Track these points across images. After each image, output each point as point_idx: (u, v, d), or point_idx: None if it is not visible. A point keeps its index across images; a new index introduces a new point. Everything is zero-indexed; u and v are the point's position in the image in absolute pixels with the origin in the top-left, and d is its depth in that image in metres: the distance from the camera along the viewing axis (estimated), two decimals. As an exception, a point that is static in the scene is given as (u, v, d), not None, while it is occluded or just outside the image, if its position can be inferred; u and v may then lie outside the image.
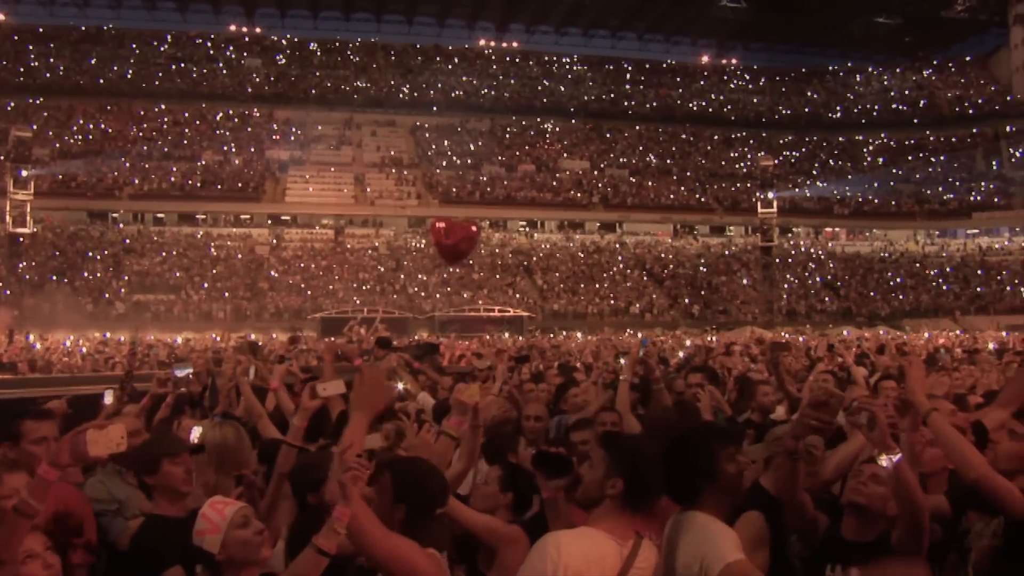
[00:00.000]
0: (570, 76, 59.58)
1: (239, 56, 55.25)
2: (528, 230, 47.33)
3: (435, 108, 53.72)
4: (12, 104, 46.34)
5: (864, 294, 43.27)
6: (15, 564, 2.27)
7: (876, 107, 58.88)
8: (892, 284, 44.15)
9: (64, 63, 51.36)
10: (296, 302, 36.35)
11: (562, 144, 53.76)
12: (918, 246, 49.28)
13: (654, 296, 40.88)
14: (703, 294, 41.65)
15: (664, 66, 61.95)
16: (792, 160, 55.23)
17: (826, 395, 2.82)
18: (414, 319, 34.56)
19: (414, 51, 58.86)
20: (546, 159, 52.09)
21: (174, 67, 52.79)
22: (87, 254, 38.61)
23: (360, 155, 50.08)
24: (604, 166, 51.93)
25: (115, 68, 51.62)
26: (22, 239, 36.70)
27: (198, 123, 49.97)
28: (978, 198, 50.02)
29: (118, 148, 45.15)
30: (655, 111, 57.50)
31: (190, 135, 48.69)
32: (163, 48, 54.38)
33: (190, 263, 39.15)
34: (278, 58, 56.35)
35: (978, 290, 42.99)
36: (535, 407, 4.78)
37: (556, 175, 50.20)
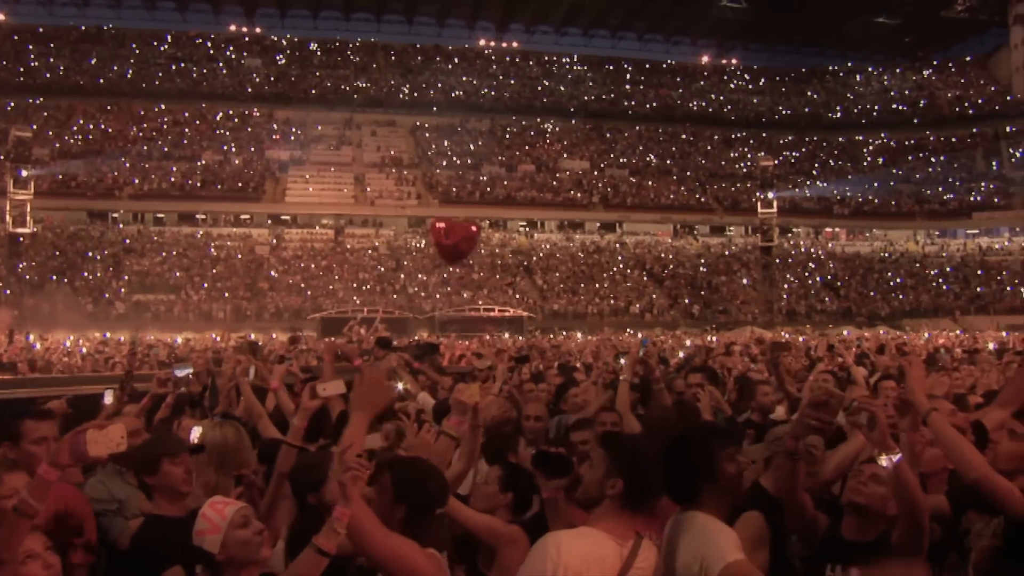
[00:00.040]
0: (570, 76, 59.58)
1: (239, 56, 55.27)
2: (528, 230, 47.29)
3: (435, 108, 53.72)
4: (12, 104, 46.35)
5: (864, 294, 43.26)
6: (15, 564, 2.27)
7: (876, 107, 58.88)
8: (892, 284, 44.14)
9: (64, 63, 51.35)
10: (296, 302, 36.34)
11: (562, 144, 53.74)
12: (918, 246, 49.27)
13: (654, 296, 40.87)
14: (703, 294, 41.65)
15: (664, 66, 61.96)
16: (792, 160, 55.22)
17: (826, 395, 2.82)
18: (414, 319, 34.55)
19: (414, 51, 58.86)
20: (546, 159, 52.07)
21: (174, 67, 52.80)
22: (87, 254, 38.61)
23: (360, 155, 50.07)
24: (604, 166, 51.92)
25: (115, 68, 51.62)
26: (22, 239, 36.64)
27: (198, 123, 49.97)
28: (978, 198, 50.01)
29: (118, 148, 45.13)
30: (655, 111, 57.49)
31: (190, 135, 48.67)
32: (163, 48, 54.41)
33: (190, 263, 39.14)
34: (278, 58, 56.35)
35: (978, 290, 42.99)
36: (535, 407, 4.77)
37: (556, 175, 50.19)
